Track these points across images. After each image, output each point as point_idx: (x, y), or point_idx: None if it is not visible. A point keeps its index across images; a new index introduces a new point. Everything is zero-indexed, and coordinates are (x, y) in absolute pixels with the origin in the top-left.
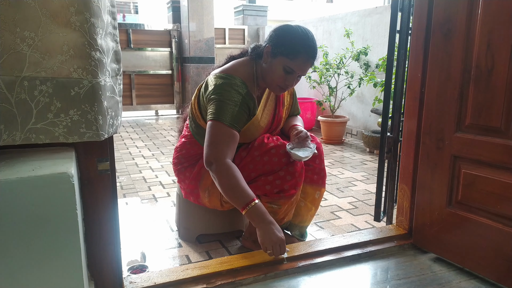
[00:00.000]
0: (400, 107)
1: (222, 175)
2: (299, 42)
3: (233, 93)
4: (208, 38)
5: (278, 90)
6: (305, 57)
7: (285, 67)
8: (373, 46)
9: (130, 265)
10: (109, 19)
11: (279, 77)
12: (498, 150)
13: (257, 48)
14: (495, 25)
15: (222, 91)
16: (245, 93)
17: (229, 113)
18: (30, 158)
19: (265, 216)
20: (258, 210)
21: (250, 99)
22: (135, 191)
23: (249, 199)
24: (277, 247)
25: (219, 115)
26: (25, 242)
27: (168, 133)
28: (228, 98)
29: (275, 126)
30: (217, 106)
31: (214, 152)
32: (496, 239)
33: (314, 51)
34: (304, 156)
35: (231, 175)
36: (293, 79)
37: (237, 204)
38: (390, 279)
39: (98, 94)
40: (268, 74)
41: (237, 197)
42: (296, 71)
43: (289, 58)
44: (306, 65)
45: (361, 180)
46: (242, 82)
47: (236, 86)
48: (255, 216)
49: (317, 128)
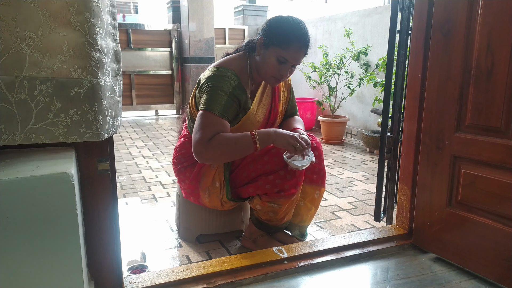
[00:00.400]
0: (400, 107)
1: (217, 148)
2: (291, 31)
3: (223, 83)
4: (208, 38)
5: (273, 81)
6: (298, 45)
7: (278, 57)
8: (373, 46)
9: (130, 265)
10: (109, 19)
11: (273, 67)
12: (498, 150)
13: (250, 42)
14: (495, 25)
15: (212, 81)
16: (236, 84)
17: (219, 102)
18: (30, 158)
19: (271, 132)
20: (262, 135)
21: (241, 91)
22: (135, 191)
23: (249, 137)
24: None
25: (209, 105)
26: (25, 242)
27: (168, 133)
28: (219, 88)
29: (272, 120)
30: (208, 97)
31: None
32: (496, 239)
33: (306, 39)
34: (301, 165)
35: (223, 140)
36: (287, 69)
37: (249, 149)
38: (390, 279)
39: (98, 94)
40: (262, 66)
41: (244, 146)
42: (289, 60)
43: (282, 48)
44: (299, 53)
45: (361, 180)
46: (234, 74)
47: (227, 77)
48: (266, 139)
49: (317, 128)
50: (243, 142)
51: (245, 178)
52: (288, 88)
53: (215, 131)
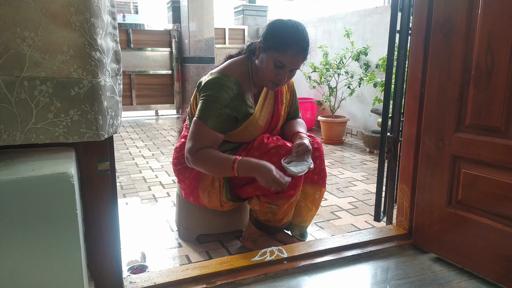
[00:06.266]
0: (400, 107)
1: (200, 162)
2: (289, 35)
3: (221, 94)
4: (208, 38)
5: (271, 86)
6: (295, 50)
7: (275, 61)
8: (373, 46)
9: (130, 265)
10: (109, 19)
11: (270, 71)
12: (498, 150)
13: (251, 45)
14: (495, 25)
15: (210, 90)
16: (236, 95)
17: (213, 114)
18: (30, 158)
19: (253, 164)
20: (244, 164)
21: (240, 102)
22: (135, 191)
23: (231, 160)
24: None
25: (203, 115)
26: (25, 242)
27: (168, 133)
28: (215, 99)
29: (274, 124)
30: (203, 105)
31: (189, 146)
32: (496, 239)
33: (304, 43)
34: (297, 171)
35: (206, 154)
36: (285, 74)
37: (226, 171)
38: (390, 279)
39: (98, 94)
40: (260, 70)
41: (222, 168)
42: (286, 64)
43: (279, 52)
44: (297, 58)
45: (361, 180)
46: (235, 82)
47: (227, 87)
48: (246, 170)
49: (317, 128)
50: (223, 165)
51: (244, 178)
52: (291, 91)
53: (203, 144)
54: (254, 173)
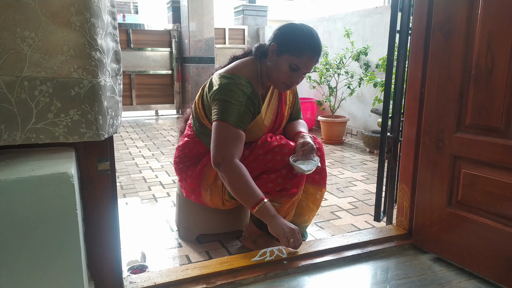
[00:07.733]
0: (400, 107)
1: (231, 175)
2: (305, 40)
3: (238, 93)
4: (208, 38)
5: (284, 88)
6: (311, 54)
7: (291, 65)
8: (373, 46)
9: (130, 265)
10: (109, 19)
11: (285, 74)
12: (498, 150)
13: (261, 47)
14: (495, 25)
15: (227, 91)
16: (250, 92)
17: (234, 113)
18: (30, 158)
19: (274, 213)
20: (267, 209)
21: (255, 98)
22: (135, 191)
23: (259, 198)
24: (295, 235)
25: (225, 115)
26: (25, 242)
27: (168, 133)
28: (234, 98)
29: (278, 125)
30: (222, 106)
31: (221, 152)
32: (496, 239)
33: (319, 48)
34: (307, 169)
35: (240, 175)
36: (299, 76)
37: (247, 203)
38: (390, 279)
39: (98, 94)
40: (273, 72)
41: (247, 197)
42: (301, 68)
43: (295, 56)
44: (311, 62)
45: (361, 180)
46: (247, 81)
47: (241, 85)
48: (265, 215)
49: (317, 128)
50: (248, 197)
51: None
52: (293, 92)
53: (233, 149)
54: (268, 222)
